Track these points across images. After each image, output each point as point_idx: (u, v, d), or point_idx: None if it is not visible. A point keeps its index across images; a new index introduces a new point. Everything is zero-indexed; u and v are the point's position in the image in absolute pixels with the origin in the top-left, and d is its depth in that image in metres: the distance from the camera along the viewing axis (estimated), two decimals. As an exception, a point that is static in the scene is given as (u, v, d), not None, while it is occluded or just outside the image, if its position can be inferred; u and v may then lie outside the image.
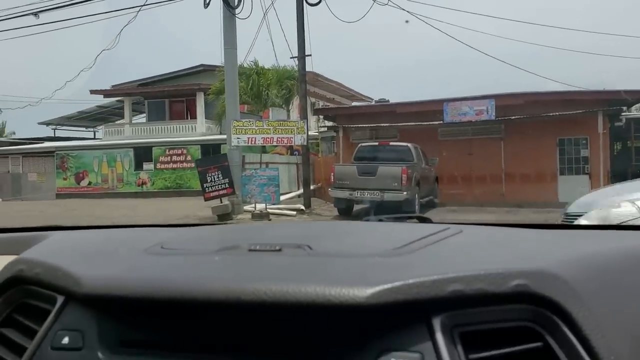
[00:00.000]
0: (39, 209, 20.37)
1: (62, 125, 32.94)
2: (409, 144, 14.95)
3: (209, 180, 13.85)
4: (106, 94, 30.11)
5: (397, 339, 0.75)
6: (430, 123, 17.90)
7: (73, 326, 0.89)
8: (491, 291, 0.76)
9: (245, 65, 21.84)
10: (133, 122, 30.34)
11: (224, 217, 13.12)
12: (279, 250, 0.99)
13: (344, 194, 13.82)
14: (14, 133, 40.79)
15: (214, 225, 2.20)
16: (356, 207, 14.78)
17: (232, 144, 14.03)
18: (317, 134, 20.81)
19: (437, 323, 0.75)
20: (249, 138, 14.08)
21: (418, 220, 1.65)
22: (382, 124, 18.40)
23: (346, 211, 14.30)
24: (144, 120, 30.88)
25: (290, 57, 16.09)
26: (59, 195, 25.47)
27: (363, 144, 15.63)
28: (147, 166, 25.37)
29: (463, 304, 0.76)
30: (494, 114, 17.35)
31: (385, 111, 19.31)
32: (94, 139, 33.28)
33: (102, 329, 0.87)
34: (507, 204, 15.54)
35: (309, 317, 0.78)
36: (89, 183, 25.95)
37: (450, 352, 0.73)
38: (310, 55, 15.70)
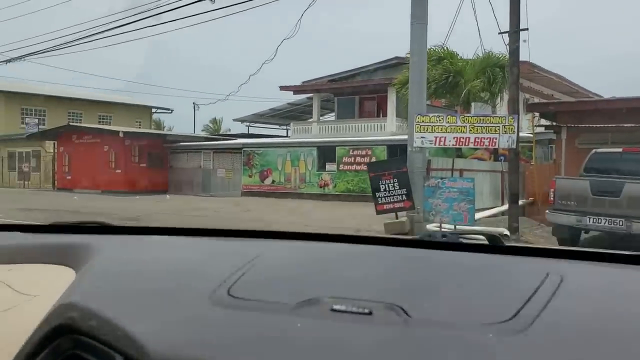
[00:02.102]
0: (215, 207, 19.71)
1: (255, 122, 32.75)
2: (674, 153, 10.38)
3: (382, 189, 10.91)
4: (296, 90, 28.99)
5: None
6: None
7: None
8: None
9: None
10: (321, 120, 28.74)
11: (398, 238, 10.03)
12: (369, 313, 0.89)
13: (569, 219, 9.81)
14: (230, 130, 41.40)
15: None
16: (583, 236, 10.78)
17: (415, 145, 10.79)
18: (530, 135, 16.52)
19: None
20: (436, 137, 10.68)
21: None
22: (626, 124, 13.69)
23: (569, 242, 10.25)
24: (333, 118, 29.22)
25: (499, 33, 12.27)
26: (244, 193, 24.79)
27: (599, 151, 11.26)
28: (330, 167, 23.30)
29: None
30: None
31: (627, 108, 14.52)
32: (286, 137, 32.56)
33: None
34: None
35: None
36: (273, 182, 24.77)
37: None
38: (527, 29, 11.73)
